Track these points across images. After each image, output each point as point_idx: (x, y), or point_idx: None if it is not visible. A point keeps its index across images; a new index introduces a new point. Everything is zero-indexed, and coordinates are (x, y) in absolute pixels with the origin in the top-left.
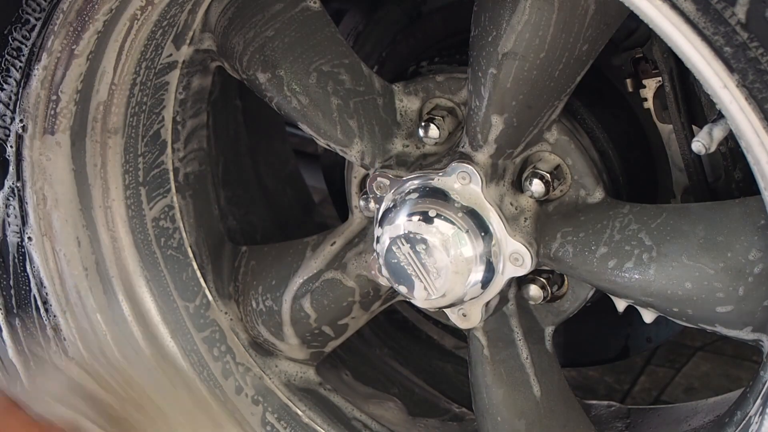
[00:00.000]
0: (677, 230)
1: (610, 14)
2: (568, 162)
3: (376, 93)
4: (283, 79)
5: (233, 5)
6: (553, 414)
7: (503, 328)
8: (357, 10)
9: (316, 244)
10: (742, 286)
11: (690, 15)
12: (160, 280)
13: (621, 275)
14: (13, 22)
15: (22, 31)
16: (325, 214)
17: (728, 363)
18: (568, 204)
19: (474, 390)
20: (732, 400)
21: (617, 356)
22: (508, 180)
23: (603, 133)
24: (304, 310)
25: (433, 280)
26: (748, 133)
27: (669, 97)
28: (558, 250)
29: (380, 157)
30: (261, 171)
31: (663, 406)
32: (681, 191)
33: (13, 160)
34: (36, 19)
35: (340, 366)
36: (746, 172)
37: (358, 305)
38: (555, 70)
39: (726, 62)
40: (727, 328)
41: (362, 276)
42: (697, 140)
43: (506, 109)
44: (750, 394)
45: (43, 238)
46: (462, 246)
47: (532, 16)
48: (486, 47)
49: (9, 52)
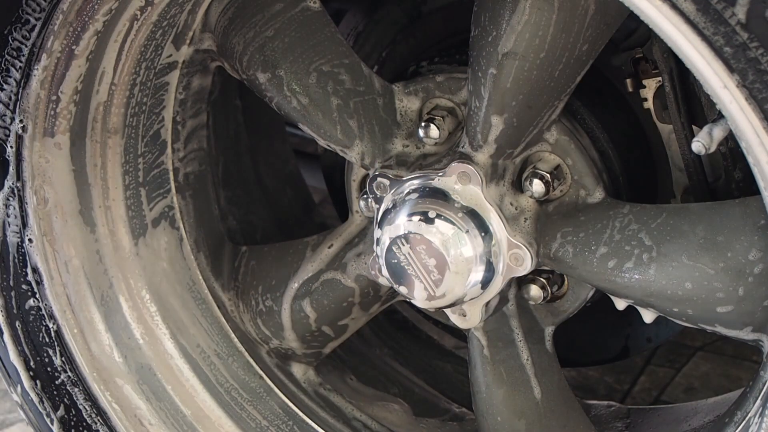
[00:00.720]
0: (677, 230)
1: (610, 14)
2: (568, 162)
3: (376, 93)
4: (283, 79)
5: (233, 5)
6: (553, 414)
7: (503, 328)
8: (357, 10)
9: (316, 244)
10: (742, 286)
11: (690, 15)
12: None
13: (621, 275)
14: (13, 22)
15: (22, 31)
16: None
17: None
18: (568, 204)
19: (474, 390)
20: (732, 400)
21: (617, 356)
22: (508, 180)
23: (603, 133)
24: (304, 311)
25: (433, 280)
26: (748, 134)
27: (669, 97)
28: (558, 250)
29: (380, 158)
30: (261, 171)
31: (663, 406)
32: (681, 191)
33: (13, 160)
34: (36, 19)
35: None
36: (746, 172)
37: (358, 306)
38: (555, 70)
39: (726, 62)
40: (727, 328)
41: (362, 276)
42: (697, 140)
43: (506, 109)
44: (750, 394)
45: (43, 238)
46: (462, 246)
47: (532, 16)
48: (486, 47)
49: (9, 52)
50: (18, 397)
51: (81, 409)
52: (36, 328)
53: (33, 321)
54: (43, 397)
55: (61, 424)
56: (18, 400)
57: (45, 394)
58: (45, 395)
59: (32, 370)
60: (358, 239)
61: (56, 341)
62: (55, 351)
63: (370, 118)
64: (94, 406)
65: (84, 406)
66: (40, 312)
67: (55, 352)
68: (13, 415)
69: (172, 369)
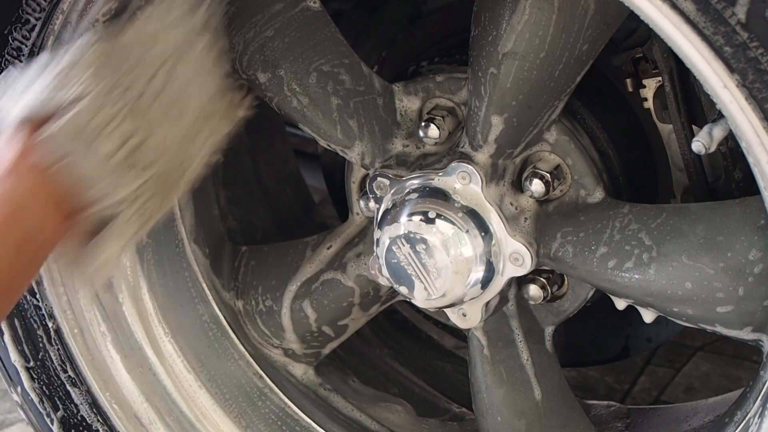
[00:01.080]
0: (677, 230)
1: (610, 14)
2: (568, 162)
3: (376, 93)
4: (283, 79)
5: (233, 5)
6: (553, 414)
7: (503, 328)
8: (357, 10)
9: (316, 244)
10: (742, 286)
11: (690, 15)
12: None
13: (621, 275)
14: (13, 22)
15: (22, 31)
16: (325, 214)
17: (728, 363)
18: (568, 204)
19: (474, 390)
20: (732, 400)
21: (617, 356)
22: (508, 180)
23: (603, 133)
24: (304, 311)
25: (433, 280)
26: (748, 133)
27: (669, 97)
28: (558, 250)
29: (380, 157)
30: (261, 171)
31: (663, 406)
32: (681, 191)
33: None
34: (36, 19)
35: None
36: (746, 172)
37: (358, 306)
38: (555, 70)
39: (726, 62)
40: (727, 328)
41: (362, 276)
42: (697, 140)
43: (506, 109)
44: (750, 394)
45: None
46: (462, 246)
47: (532, 16)
48: (486, 47)
49: (9, 52)
50: (18, 397)
51: (81, 409)
52: (36, 328)
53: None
54: (43, 397)
55: (61, 424)
56: (18, 400)
57: (45, 394)
58: (45, 395)
59: (32, 370)
60: (358, 239)
61: (56, 341)
62: (55, 351)
63: (370, 118)
64: (94, 406)
65: (84, 406)
66: (40, 312)
67: (56, 351)
68: (13, 415)
69: (172, 368)
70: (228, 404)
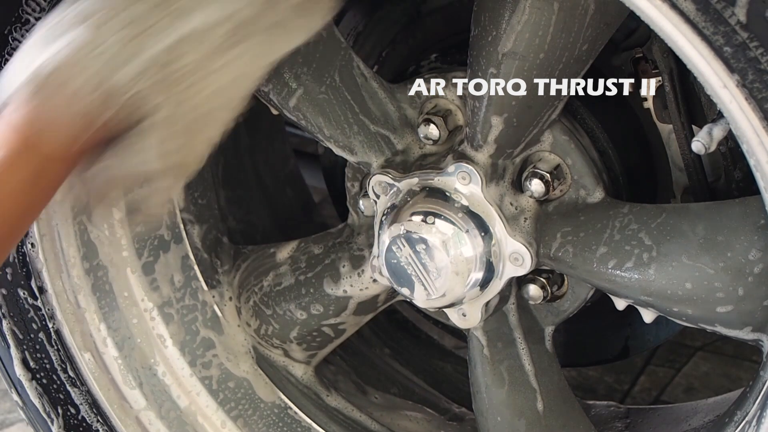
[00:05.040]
0: (677, 230)
1: (610, 14)
2: (568, 162)
3: (375, 93)
4: (283, 79)
5: None
6: (553, 414)
7: (503, 327)
8: (357, 10)
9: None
10: (742, 286)
11: (690, 15)
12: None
13: (621, 275)
14: (13, 22)
15: (22, 31)
16: (325, 214)
17: (728, 363)
18: (568, 204)
19: (474, 390)
20: (732, 400)
21: (617, 356)
22: (508, 180)
23: (603, 133)
24: (303, 311)
25: (433, 280)
26: (748, 133)
27: (669, 97)
28: (558, 249)
29: (380, 158)
30: (261, 171)
31: (663, 406)
32: (681, 191)
33: None
34: (36, 19)
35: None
36: (746, 172)
37: (358, 306)
38: (555, 70)
39: (726, 62)
40: (727, 328)
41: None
42: (697, 140)
43: (506, 109)
44: (750, 394)
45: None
46: (462, 246)
47: (532, 16)
48: (486, 47)
49: (9, 52)
50: (18, 397)
51: (81, 409)
52: (36, 328)
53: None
54: (43, 397)
55: (61, 424)
56: (18, 400)
57: (45, 394)
58: (45, 395)
59: (32, 371)
60: (358, 239)
61: (56, 341)
62: (55, 351)
63: (370, 119)
64: (94, 406)
65: (84, 406)
66: (39, 312)
67: (56, 352)
68: (13, 415)
69: (172, 368)
70: (228, 404)
